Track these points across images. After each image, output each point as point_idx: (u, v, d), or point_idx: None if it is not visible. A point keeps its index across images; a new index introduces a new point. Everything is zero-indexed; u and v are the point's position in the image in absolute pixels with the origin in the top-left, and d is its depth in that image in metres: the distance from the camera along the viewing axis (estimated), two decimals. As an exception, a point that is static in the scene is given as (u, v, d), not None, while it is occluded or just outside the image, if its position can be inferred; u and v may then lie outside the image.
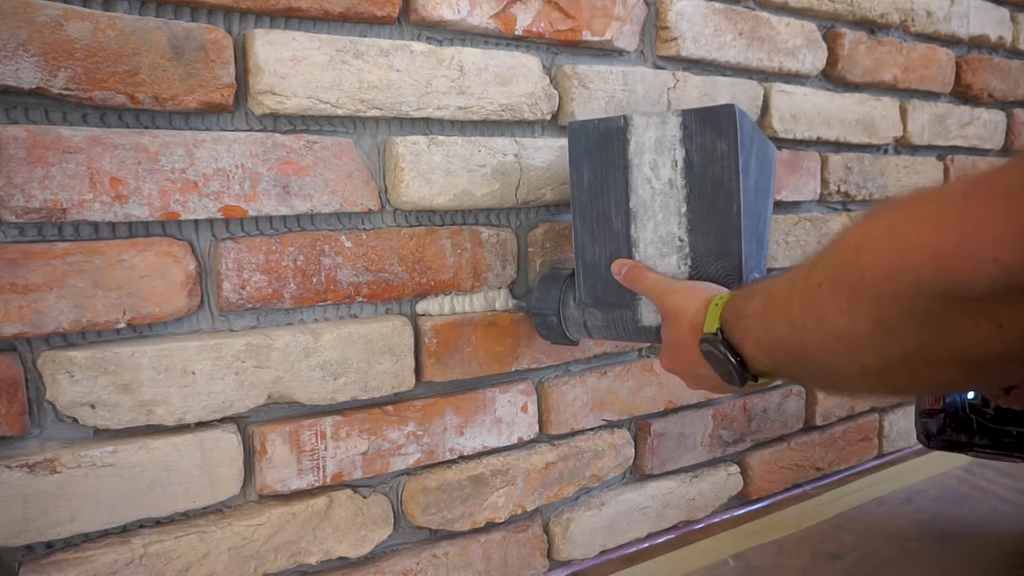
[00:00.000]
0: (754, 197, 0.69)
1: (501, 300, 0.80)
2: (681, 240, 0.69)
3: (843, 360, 0.45)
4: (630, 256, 0.71)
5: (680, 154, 0.68)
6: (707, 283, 0.66)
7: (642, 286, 0.69)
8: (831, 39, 1.06)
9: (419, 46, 0.72)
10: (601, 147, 0.71)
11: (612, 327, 0.75)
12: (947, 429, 0.96)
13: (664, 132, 0.68)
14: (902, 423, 1.25)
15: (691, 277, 0.69)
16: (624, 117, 0.70)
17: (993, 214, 0.34)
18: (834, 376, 0.48)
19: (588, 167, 0.72)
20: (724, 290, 0.62)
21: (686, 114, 0.67)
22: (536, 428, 0.85)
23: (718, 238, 0.67)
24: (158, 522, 0.65)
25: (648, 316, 0.72)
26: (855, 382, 0.47)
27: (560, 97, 0.82)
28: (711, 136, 0.66)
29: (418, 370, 0.76)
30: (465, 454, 0.80)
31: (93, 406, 0.60)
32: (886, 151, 1.18)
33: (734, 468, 1.03)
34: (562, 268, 0.82)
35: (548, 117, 0.81)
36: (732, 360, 0.55)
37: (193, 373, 0.63)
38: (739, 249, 0.66)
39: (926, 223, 0.37)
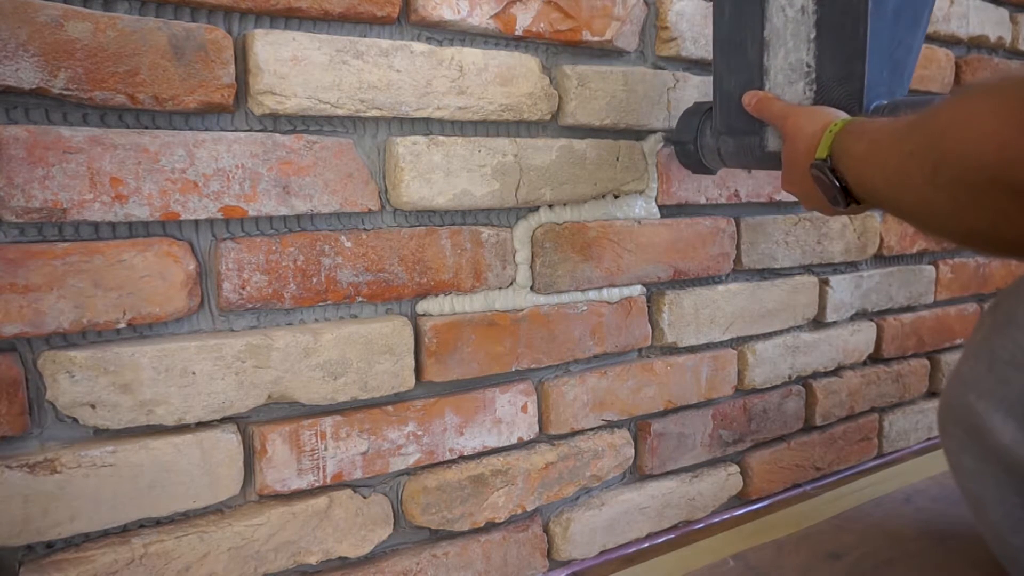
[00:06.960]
0: (892, 20, 0.70)
1: (502, 299, 0.81)
2: (808, 66, 0.71)
3: (932, 220, 0.50)
4: (761, 84, 0.75)
5: None
6: (828, 108, 0.68)
7: (768, 113, 0.73)
8: (831, 39, 1.06)
9: (419, 46, 0.72)
10: None
11: (741, 153, 0.79)
12: None
13: None
14: (902, 423, 1.25)
15: (815, 103, 0.71)
16: None
17: None
18: (925, 226, 0.53)
19: (729, 1, 0.76)
20: (843, 115, 0.65)
21: None
22: (536, 428, 0.85)
23: (843, 62, 0.69)
24: (158, 522, 0.65)
25: (773, 142, 0.76)
26: (947, 235, 0.51)
27: (560, 97, 0.82)
28: None
29: (418, 370, 0.76)
30: (465, 454, 0.80)
31: (93, 406, 0.60)
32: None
33: (734, 468, 1.03)
34: (703, 102, 0.88)
35: (548, 117, 0.81)
36: (837, 185, 0.59)
37: (193, 373, 0.63)
38: (862, 72, 0.68)
39: (993, 115, 0.41)
